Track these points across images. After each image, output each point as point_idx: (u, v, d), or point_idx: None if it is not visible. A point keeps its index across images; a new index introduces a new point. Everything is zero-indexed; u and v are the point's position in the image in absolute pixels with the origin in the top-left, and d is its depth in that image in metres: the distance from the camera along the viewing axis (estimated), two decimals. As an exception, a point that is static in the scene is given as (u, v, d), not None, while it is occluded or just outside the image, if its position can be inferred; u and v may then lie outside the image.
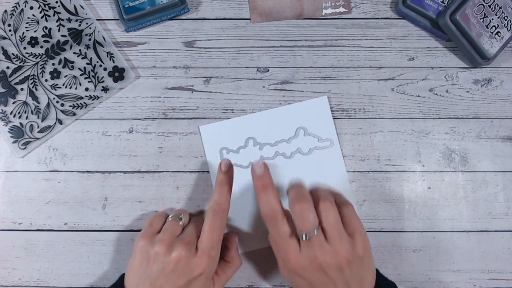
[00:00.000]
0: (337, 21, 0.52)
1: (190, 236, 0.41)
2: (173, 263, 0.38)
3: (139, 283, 0.38)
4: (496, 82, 0.51)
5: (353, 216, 0.39)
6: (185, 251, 0.39)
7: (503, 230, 0.49)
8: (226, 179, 0.44)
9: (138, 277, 0.39)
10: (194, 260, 0.39)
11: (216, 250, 0.40)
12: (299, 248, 0.37)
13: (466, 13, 0.49)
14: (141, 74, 0.52)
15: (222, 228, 0.41)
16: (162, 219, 0.44)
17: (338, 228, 0.37)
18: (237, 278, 0.48)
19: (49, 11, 0.51)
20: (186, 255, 0.38)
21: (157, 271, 0.38)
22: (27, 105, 0.50)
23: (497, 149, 0.50)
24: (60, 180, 0.50)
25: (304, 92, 0.51)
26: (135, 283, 0.39)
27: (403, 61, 0.52)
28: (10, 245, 0.49)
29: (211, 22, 0.53)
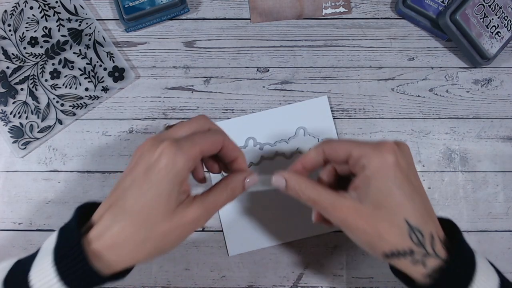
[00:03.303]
0: (337, 21, 0.52)
1: (165, 132, 0.36)
2: (139, 151, 0.35)
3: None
4: (496, 82, 0.51)
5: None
6: (151, 141, 0.34)
7: (503, 230, 0.49)
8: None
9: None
10: (156, 148, 0.33)
11: (180, 148, 0.33)
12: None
13: (466, 13, 0.49)
14: (141, 74, 0.52)
15: (211, 137, 0.36)
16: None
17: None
18: (237, 278, 0.48)
19: (49, 11, 0.51)
20: (151, 145, 0.34)
21: (125, 171, 0.35)
22: (27, 105, 0.50)
23: (497, 149, 0.50)
24: (60, 180, 0.50)
25: (304, 92, 0.51)
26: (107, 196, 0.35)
27: (403, 61, 0.52)
28: (10, 245, 0.49)
29: (211, 22, 0.53)
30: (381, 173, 0.33)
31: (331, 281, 0.48)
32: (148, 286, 0.48)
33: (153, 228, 0.33)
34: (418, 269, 0.33)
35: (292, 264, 0.49)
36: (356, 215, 0.34)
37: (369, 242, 0.34)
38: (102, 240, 0.32)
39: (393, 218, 0.33)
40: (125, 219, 0.32)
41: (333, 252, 0.49)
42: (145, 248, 0.33)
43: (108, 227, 0.32)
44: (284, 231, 0.48)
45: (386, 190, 0.33)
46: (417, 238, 0.33)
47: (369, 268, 0.48)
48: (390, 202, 0.33)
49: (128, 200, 0.33)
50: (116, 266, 0.33)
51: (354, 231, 0.34)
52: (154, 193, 0.33)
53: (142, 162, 0.34)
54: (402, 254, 0.33)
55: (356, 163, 0.35)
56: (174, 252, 0.49)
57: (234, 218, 0.49)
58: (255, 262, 0.49)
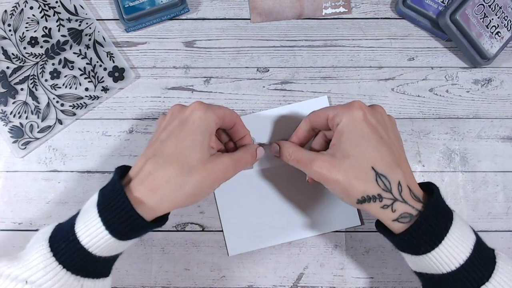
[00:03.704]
0: (337, 21, 0.52)
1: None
2: (169, 113, 0.40)
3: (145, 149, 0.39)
4: (496, 82, 0.51)
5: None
6: (179, 105, 0.40)
7: (503, 230, 0.49)
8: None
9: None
10: (187, 107, 0.39)
11: (209, 107, 0.39)
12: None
13: (466, 13, 0.49)
14: (141, 74, 0.52)
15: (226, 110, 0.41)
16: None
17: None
18: (237, 278, 0.48)
19: (49, 11, 0.51)
20: (181, 106, 0.40)
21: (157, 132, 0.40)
22: (27, 105, 0.50)
23: (497, 149, 0.50)
24: (60, 180, 0.50)
25: (304, 92, 0.51)
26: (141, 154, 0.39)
27: (403, 61, 0.52)
28: (10, 245, 0.49)
29: (211, 22, 0.53)
30: (350, 127, 0.38)
31: (331, 281, 0.48)
32: (148, 286, 0.48)
33: (191, 173, 0.36)
34: (387, 214, 0.36)
35: (292, 264, 0.49)
36: (330, 166, 0.37)
37: (343, 190, 0.37)
38: (145, 184, 0.35)
39: (361, 166, 0.36)
40: (166, 164, 0.36)
41: (333, 252, 0.49)
42: (184, 191, 0.36)
43: (151, 172, 0.36)
44: (284, 231, 0.48)
45: (354, 142, 0.37)
46: (383, 184, 0.36)
47: (369, 268, 0.48)
48: (357, 151, 0.37)
49: (167, 148, 0.37)
50: (157, 210, 0.36)
51: (330, 182, 0.38)
52: (191, 140, 0.37)
53: (176, 118, 0.39)
54: (372, 198, 0.36)
55: (332, 123, 0.40)
56: (174, 252, 0.49)
57: (234, 218, 0.49)
58: (255, 262, 0.49)
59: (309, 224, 0.48)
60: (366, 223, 0.49)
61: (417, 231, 0.35)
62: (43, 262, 0.33)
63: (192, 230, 0.49)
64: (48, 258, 0.34)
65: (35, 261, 0.34)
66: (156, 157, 0.36)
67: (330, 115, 0.40)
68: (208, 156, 0.38)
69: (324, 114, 0.40)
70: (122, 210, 0.34)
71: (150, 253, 0.49)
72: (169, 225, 0.49)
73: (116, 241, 0.35)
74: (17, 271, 0.34)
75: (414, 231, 0.35)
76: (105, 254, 0.35)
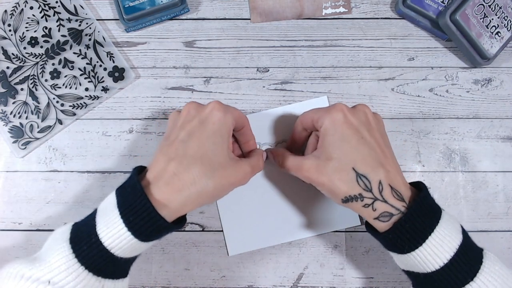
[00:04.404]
0: (337, 21, 0.52)
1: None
2: (184, 116, 0.40)
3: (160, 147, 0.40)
4: (496, 82, 0.51)
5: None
6: (195, 103, 0.40)
7: (503, 230, 0.49)
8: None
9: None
10: (205, 107, 0.40)
11: (227, 108, 0.40)
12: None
13: (466, 13, 0.49)
14: (141, 74, 0.52)
15: (239, 111, 0.42)
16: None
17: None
18: (237, 278, 0.48)
19: (49, 11, 0.51)
20: (197, 108, 0.40)
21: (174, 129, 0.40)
22: (27, 105, 0.50)
23: (497, 149, 0.50)
24: (60, 180, 0.50)
25: (304, 92, 0.51)
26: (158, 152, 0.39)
27: (403, 61, 0.52)
28: (10, 245, 0.49)
29: (211, 22, 0.53)
30: (331, 130, 0.39)
31: (331, 281, 0.48)
32: (148, 286, 0.48)
33: (214, 174, 0.37)
34: (368, 213, 0.37)
35: (292, 264, 0.49)
36: (315, 170, 0.39)
37: (329, 191, 0.38)
38: (171, 186, 0.36)
39: (342, 167, 0.38)
40: (191, 165, 0.36)
41: (333, 252, 0.49)
42: (207, 192, 0.37)
43: (176, 173, 0.36)
44: (284, 231, 0.48)
45: (336, 144, 0.38)
46: (364, 184, 0.37)
47: (369, 268, 0.48)
48: (338, 154, 0.38)
49: (190, 149, 0.37)
50: (180, 211, 0.36)
51: (317, 184, 0.39)
52: (212, 142, 0.38)
53: (194, 117, 0.39)
54: (354, 198, 0.37)
55: (317, 126, 0.41)
56: (174, 252, 0.49)
57: (234, 218, 0.49)
58: (255, 262, 0.49)
59: (309, 224, 0.48)
60: (366, 223, 0.49)
61: (401, 229, 0.35)
62: (66, 264, 0.33)
63: (192, 230, 0.49)
64: (70, 260, 0.34)
65: (57, 262, 0.34)
66: (179, 158, 0.37)
67: (315, 118, 0.41)
68: (229, 159, 0.39)
69: (309, 117, 0.42)
70: (144, 212, 0.34)
71: (150, 253, 0.49)
72: (169, 225, 0.49)
73: (138, 242, 0.35)
74: (39, 272, 0.33)
75: (397, 229, 0.36)
76: (126, 255, 0.35)
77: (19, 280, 0.33)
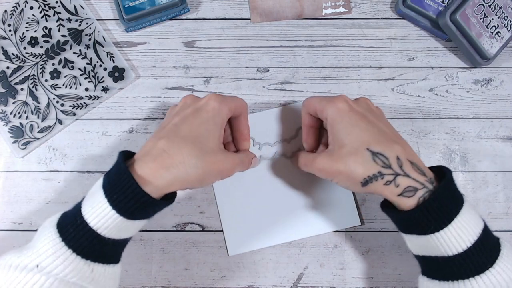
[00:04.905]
0: (337, 21, 0.52)
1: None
2: (181, 103, 0.41)
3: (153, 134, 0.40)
4: (496, 82, 0.51)
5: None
6: (191, 96, 0.41)
7: (503, 230, 0.49)
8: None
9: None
10: (200, 98, 0.40)
11: (224, 99, 0.40)
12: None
13: (466, 13, 0.49)
14: (141, 74, 0.52)
15: (237, 101, 0.42)
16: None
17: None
18: (237, 278, 0.48)
19: (49, 11, 0.51)
20: (194, 97, 0.41)
21: (167, 118, 0.41)
22: (27, 105, 0.50)
23: (497, 149, 0.50)
24: (60, 180, 0.50)
25: (304, 92, 0.51)
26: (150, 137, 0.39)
27: (403, 61, 0.52)
28: (10, 245, 0.49)
29: (211, 22, 0.53)
30: (338, 118, 0.39)
31: (331, 281, 0.48)
32: (148, 286, 0.48)
33: (204, 156, 0.37)
34: (391, 190, 0.36)
35: (292, 264, 0.49)
36: (329, 160, 0.38)
37: (346, 178, 0.37)
38: (158, 161, 0.35)
39: (356, 150, 0.37)
40: (181, 144, 0.36)
41: (333, 252, 0.49)
42: (196, 173, 0.36)
43: (165, 150, 0.36)
44: (284, 231, 0.48)
45: (345, 130, 0.38)
46: (381, 161, 0.36)
47: (369, 268, 0.48)
48: (350, 139, 0.37)
49: (182, 131, 0.37)
50: (166, 188, 0.36)
51: (333, 175, 0.38)
52: (205, 128, 0.38)
53: (190, 107, 0.39)
54: (373, 178, 0.36)
55: (321, 117, 0.41)
56: (174, 252, 0.49)
57: (234, 218, 0.49)
58: (255, 262, 0.49)
59: (309, 224, 0.48)
60: (366, 223, 0.49)
61: (428, 207, 0.34)
62: (53, 248, 0.33)
63: (192, 230, 0.49)
64: (57, 243, 0.33)
65: (44, 247, 0.34)
66: (170, 137, 0.37)
67: (318, 108, 0.41)
68: (219, 147, 0.39)
69: (313, 105, 0.42)
70: (128, 189, 0.34)
71: (150, 253, 0.49)
72: (169, 225, 0.49)
73: (124, 220, 0.34)
74: (27, 259, 0.33)
75: (425, 207, 0.34)
76: (114, 235, 0.35)
77: (8, 270, 0.33)
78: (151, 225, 0.49)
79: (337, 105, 0.39)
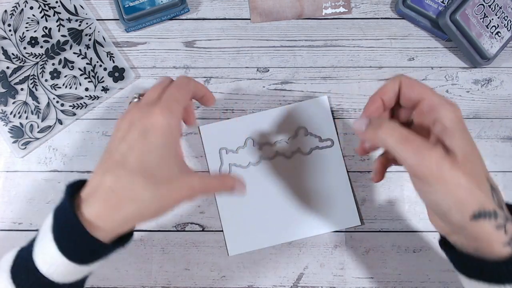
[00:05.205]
0: (337, 21, 0.52)
1: (145, 99, 0.36)
2: (125, 126, 0.34)
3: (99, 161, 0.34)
4: (496, 82, 0.51)
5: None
6: (138, 109, 0.35)
7: (503, 230, 0.49)
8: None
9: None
10: (148, 113, 0.34)
11: (173, 103, 0.34)
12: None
13: (466, 13, 0.49)
14: (141, 74, 0.52)
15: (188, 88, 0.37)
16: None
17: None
18: (237, 278, 0.48)
19: (49, 11, 0.51)
20: (138, 114, 0.34)
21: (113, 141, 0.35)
22: (27, 105, 0.50)
23: (497, 149, 0.50)
24: (60, 180, 0.50)
25: (304, 92, 0.51)
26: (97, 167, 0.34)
27: (403, 61, 0.52)
28: (10, 245, 0.49)
29: (211, 22, 0.53)
30: (460, 128, 0.31)
31: (331, 281, 0.48)
32: (148, 286, 0.48)
33: (158, 189, 0.32)
34: (500, 236, 0.30)
35: (292, 264, 0.49)
36: (452, 164, 0.30)
37: (459, 198, 0.30)
38: (106, 203, 0.32)
39: (479, 174, 0.30)
40: (130, 179, 0.32)
41: (333, 252, 0.49)
42: (149, 207, 0.33)
43: (113, 189, 0.32)
44: (284, 231, 0.48)
45: (469, 146, 0.31)
46: (497, 200, 0.30)
47: (369, 268, 0.48)
48: (474, 158, 0.31)
49: (130, 163, 0.32)
50: (119, 229, 0.32)
51: (443, 183, 0.30)
52: (156, 156, 0.33)
53: (135, 128, 0.33)
54: (488, 214, 0.29)
55: (428, 111, 0.33)
56: (174, 252, 0.49)
57: (234, 218, 0.49)
58: (255, 262, 0.49)
59: (309, 224, 0.48)
60: (366, 223, 0.49)
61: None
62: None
63: (192, 230, 0.49)
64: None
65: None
66: (117, 171, 0.32)
67: (428, 100, 0.33)
68: (176, 171, 0.34)
69: (419, 91, 0.33)
70: (75, 234, 0.31)
71: (150, 253, 0.49)
72: (169, 225, 0.49)
73: (76, 266, 0.32)
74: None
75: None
76: (67, 280, 0.32)
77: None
78: (151, 225, 0.49)
79: (456, 112, 0.32)
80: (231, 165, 0.49)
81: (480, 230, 0.30)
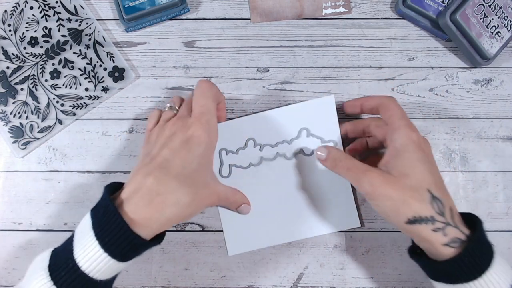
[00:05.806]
0: (337, 21, 0.52)
1: (181, 113, 0.41)
2: (166, 135, 0.39)
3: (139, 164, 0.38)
4: (496, 82, 0.51)
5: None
6: (177, 123, 0.39)
7: (503, 230, 0.49)
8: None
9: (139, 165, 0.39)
10: (190, 124, 0.38)
11: (207, 115, 0.39)
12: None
13: (466, 13, 0.49)
14: (141, 74, 0.52)
15: (213, 95, 0.41)
16: (156, 117, 0.44)
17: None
18: (237, 278, 0.48)
19: (49, 11, 0.51)
20: (179, 125, 0.39)
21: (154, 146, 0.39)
22: (27, 105, 0.50)
23: (497, 149, 0.50)
24: (60, 180, 0.50)
25: (304, 92, 0.51)
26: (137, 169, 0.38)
27: (403, 61, 0.52)
28: (10, 245, 0.49)
29: (211, 22, 0.53)
30: (409, 148, 0.38)
31: (331, 281, 0.48)
32: (148, 286, 0.48)
33: (197, 194, 0.37)
34: (437, 237, 0.35)
35: (292, 264, 0.49)
36: (384, 181, 0.37)
37: (393, 207, 0.37)
38: (153, 205, 0.35)
39: (417, 187, 0.37)
40: (175, 182, 0.36)
41: (333, 252, 0.49)
42: (189, 210, 0.37)
43: (159, 192, 0.35)
44: (284, 231, 0.48)
45: (412, 163, 0.38)
46: (438, 207, 0.36)
47: (369, 268, 0.48)
48: (415, 173, 0.37)
49: (174, 167, 0.36)
50: (160, 229, 0.36)
51: (380, 197, 0.37)
52: (198, 163, 0.37)
53: (178, 137, 0.38)
54: (424, 220, 0.36)
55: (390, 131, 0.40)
56: (174, 252, 0.49)
57: (234, 218, 0.49)
58: (255, 262, 0.49)
59: (309, 225, 0.48)
60: (366, 223, 0.49)
61: (469, 257, 0.34)
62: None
63: (192, 230, 0.49)
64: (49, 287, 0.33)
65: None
66: (161, 175, 0.36)
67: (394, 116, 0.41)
68: (209, 179, 0.40)
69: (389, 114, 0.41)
70: (119, 231, 0.33)
71: (150, 253, 0.49)
72: (169, 225, 0.49)
73: (117, 262, 0.34)
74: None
75: (465, 256, 0.34)
76: (105, 277, 0.34)
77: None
78: (151, 225, 0.49)
79: (411, 135, 0.39)
80: (231, 166, 0.49)
81: (418, 232, 0.36)
